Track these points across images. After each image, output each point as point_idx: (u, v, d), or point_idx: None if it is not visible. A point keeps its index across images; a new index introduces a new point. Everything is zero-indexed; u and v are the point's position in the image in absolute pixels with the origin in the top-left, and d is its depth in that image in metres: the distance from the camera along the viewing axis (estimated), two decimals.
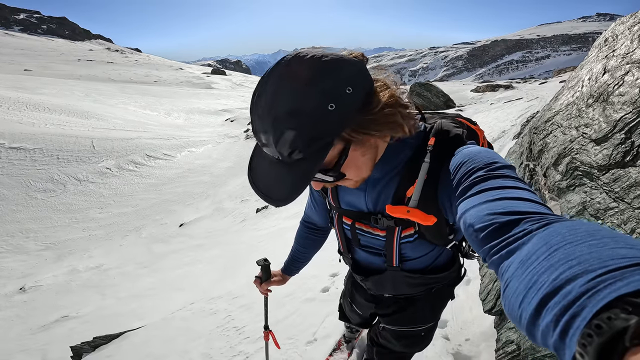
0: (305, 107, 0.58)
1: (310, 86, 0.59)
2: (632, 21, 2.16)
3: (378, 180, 0.85)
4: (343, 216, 0.99)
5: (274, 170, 0.67)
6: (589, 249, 0.33)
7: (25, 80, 30.35)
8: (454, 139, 0.77)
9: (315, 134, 0.60)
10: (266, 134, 0.61)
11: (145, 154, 13.75)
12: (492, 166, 0.62)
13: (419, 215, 0.75)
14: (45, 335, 4.76)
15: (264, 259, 1.39)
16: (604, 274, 0.29)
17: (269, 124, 0.60)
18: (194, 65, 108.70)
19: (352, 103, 0.61)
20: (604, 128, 1.63)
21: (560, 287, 0.31)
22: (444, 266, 1.06)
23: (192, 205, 10.36)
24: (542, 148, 2.17)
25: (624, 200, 1.40)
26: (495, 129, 8.57)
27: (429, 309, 1.22)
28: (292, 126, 0.59)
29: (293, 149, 0.60)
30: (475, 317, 2.36)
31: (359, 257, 1.09)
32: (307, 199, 1.23)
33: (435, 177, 0.74)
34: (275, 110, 0.59)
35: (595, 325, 0.25)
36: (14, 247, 8.56)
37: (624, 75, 1.75)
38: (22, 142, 12.49)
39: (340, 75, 0.60)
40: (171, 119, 22.71)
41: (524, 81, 33.09)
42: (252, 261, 4.96)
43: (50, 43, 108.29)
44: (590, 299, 0.28)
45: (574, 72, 2.64)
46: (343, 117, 0.61)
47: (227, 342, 2.87)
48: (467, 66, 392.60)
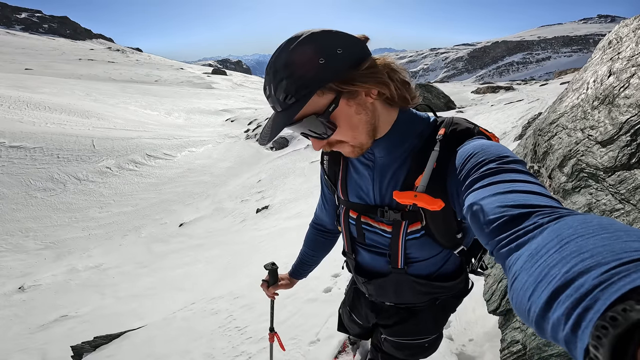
0: (297, 60, 0.68)
1: (305, 45, 0.68)
2: (636, 24, 2.16)
3: (386, 167, 0.87)
4: (350, 210, 0.99)
5: (275, 120, 0.76)
6: (602, 241, 0.33)
7: (26, 79, 30.36)
8: (465, 131, 0.78)
9: (304, 81, 0.68)
10: (269, 84, 0.72)
11: (145, 153, 13.74)
12: (503, 159, 0.62)
13: (426, 200, 0.75)
14: (44, 334, 4.74)
15: (272, 263, 1.38)
16: (617, 266, 0.29)
17: (271, 75, 0.70)
18: (194, 65, 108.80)
19: (341, 60, 0.69)
20: (609, 130, 1.63)
21: (572, 280, 0.31)
22: (451, 274, 1.03)
23: (192, 205, 10.34)
24: (547, 150, 2.17)
25: (629, 201, 1.40)
26: (496, 131, 8.57)
27: (432, 321, 1.17)
28: (286, 75, 0.68)
29: (287, 94, 0.69)
30: (478, 317, 2.36)
31: (363, 259, 1.08)
32: (318, 199, 1.24)
33: (444, 166, 0.75)
34: (276, 65, 0.69)
35: (610, 317, 0.25)
36: (14, 246, 8.54)
37: (629, 78, 1.75)
38: (23, 141, 12.49)
39: (334, 39, 0.69)
40: (171, 119, 22.72)
41: (524, 83, 33.14)
42: (252, 261, 4.96)
43: (51, 42, 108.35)
44: (603, 291, 0.27)
45: (577, 74, 2.64)
46: (330, 70, 0.69)
47: (229, 342, 2.86)
48: (468, 67, 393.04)
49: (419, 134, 0.83)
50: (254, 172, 11.93)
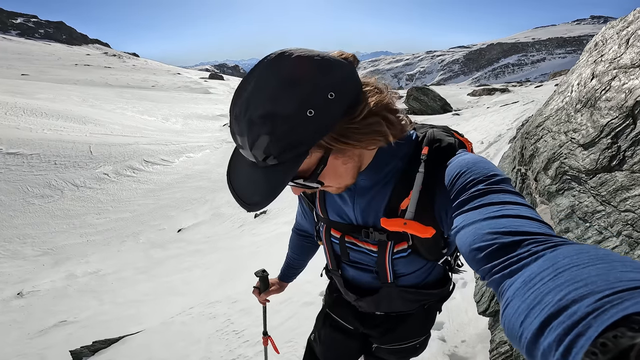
0: (281, 112, 0.54)
1: (289, 89, 0.54)
2: (621, 25, 2.16)
3: (367, 189, 0.82)
4: (331, 229, 0.94)
5: (249, 173, 0.64)
6: (597, 271, 0.33)
7: (23, 85, 30.29)
8: (448, 148, 0.75)
9: (290, 141, 0.56)
10: (242, 136, 0.58)
11: (143, 159, 13.74)
12: (492, 179, 0.60)
13: (416, 228, 0.71)
14: (43, 340, 4.74)
15: (262, 270, 1.40)
16: (610, 294, 0.29)
17: (245, 126, 0.56)
18: (191, 70, 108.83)
19: (334, 110, 0.57)
20: (591, 133, 1.68)
21: (565, 308, 0.31)
22: (438, 282, 1.03)
23: (190, 210, 10.35)
24: (533, 153, 2.22)
25: (610, 203, 1.45)
26: (492, 133, 8.64)
27: (421, 324, 1.17)
28: (266, 131, 0.55)
29: (267, 154, 0.57)
30: (471, 319, 2.40)
31: (349, 275, 1.04)
32: (298, 206, 1.21)
33: (430, 188, 0.72)
34: (251, 113, 0.55)
35: (600, 344, 0.25)
36: (11, 252, 8.52)
37: (610, 81, 1.79)
38: (20, 148, 12.46)
39: (324, 79, 0.56)
40: (169, 124, 22.71)
41: (520, 84, 33.34)
42: (251, 266, 4.98)
43: (47, 48, 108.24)
44: (596, 318, 0.27)
45: (565, 76, 2.69)
46: (322, 125, 0.57)
47: (226, 346, 2.89)
48: (464, 70, 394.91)
49: (401, 156, 0.78)
50: None
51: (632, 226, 1.32)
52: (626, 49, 1.84)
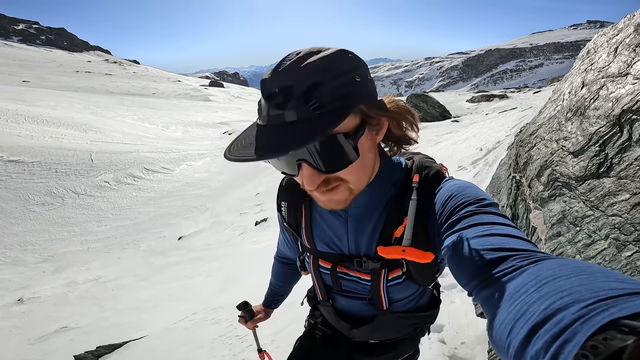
0: (336, 68, 0.60)
1: (341, 56, 0.62)
2: (612, 33, 2.19)
3: (361, 217, 0.83)
4: (319, 259, 0.92)
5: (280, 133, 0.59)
6: (580, 281, 0.34)
7: (24, 91, 30.45)
8: (436, 175, 0.79)
9: (341, 92, 0.59)
10: (291, 85, 0.58)
11: (143, 167, 13.82)
12: (482, 202, 0.64)
13: (416, 254, 0.70)
14: (44, 345, 4.78)
15: (244, 303, 1.36)
16: (595, 302, 0.29)
17: (297, 75, 0.58)
18: (191, 77, 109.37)
19: (371, 87, 0.66)
20: (580, 141, 1.76)
21: (551, 316, 0.31)
22: (430, 304, 1.02)
23: (190, 218, 10.40)
24: (527, 160, 2.29)
25: (598, 208, 1.52)
26: (491, 140, 8.70)
27: (411, 342, 1.13)
28: (323, 79, 0.58)
29: (316, 99, 0.57)
30: (470, 321, 2.45)
31: (341, 305, 1.01)
32: (279, 235, 1.17)
33: (424, 214, 0.74)
34: (308, 67, 0.58)
35: (590, 346, 0.25)
36: (12, 259, 8.55)
37: (599, 89, 1.85)
38: (21, 155, 12.54)
39: (362, 64, 0.65)
40: (169, 132, 22.82)
41: (518, 90, 33.62)
42: (253, 273, 5.03)
43: (48, 54, 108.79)
44: (582, 325, 0.28)
45: (558, 84, 2.75)
46: (365, 92, 0.63)
47: (230, 351, 2.93)
48: (463, 76, 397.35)
49: (394, 182, 0.81)
50: (252, 185, 11.97)
51: (619, 229, 1.39)
52: (614, 57, 1.89)
